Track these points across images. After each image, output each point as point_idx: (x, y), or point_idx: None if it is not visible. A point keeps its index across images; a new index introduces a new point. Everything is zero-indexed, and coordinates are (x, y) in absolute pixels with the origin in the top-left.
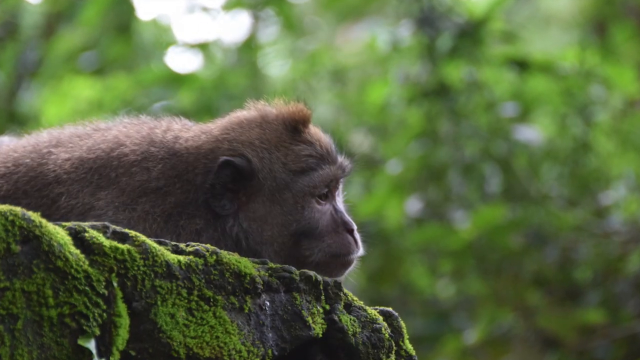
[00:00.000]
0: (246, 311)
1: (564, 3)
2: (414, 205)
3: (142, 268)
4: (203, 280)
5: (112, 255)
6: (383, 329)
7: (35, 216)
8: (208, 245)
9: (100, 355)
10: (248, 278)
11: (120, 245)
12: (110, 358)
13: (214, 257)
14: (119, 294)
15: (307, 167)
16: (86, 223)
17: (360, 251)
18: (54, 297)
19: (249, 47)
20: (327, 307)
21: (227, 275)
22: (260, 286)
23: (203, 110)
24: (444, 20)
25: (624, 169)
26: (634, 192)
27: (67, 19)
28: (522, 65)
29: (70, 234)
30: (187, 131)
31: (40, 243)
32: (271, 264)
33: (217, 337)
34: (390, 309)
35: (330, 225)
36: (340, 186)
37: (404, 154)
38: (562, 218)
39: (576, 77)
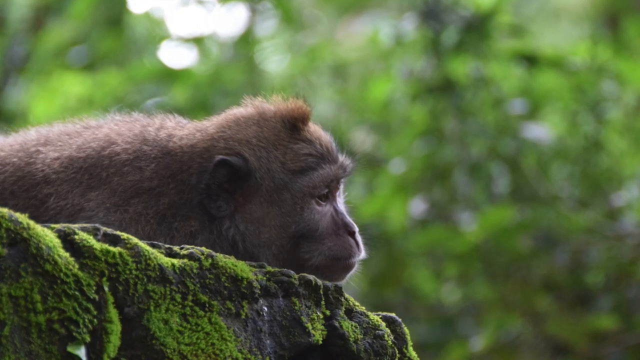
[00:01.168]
0: (243, 317)
1: None
2: (418, 206)
3: (134, 272)
4: (198, 285)
5: (103, 259)
6: (386, 336)
7: (22, 218)
8: (203, 248)
9: None
10: (245, 282)
11: (111, 248)
12: None
13: (210, 260)
14: (110, 299)
15: (306, 166)
16: (76, 225)
17: (362, 254)
18: (43, 302)
19: (246, 41)
20: (328, 312)
21: (223, 280)
22: (257, 291)
23: (198, 107)
24: (450, 13)
25: (637, 169)
26: None
27: (56, 12)
28: (531, 60)
29: (59, 237)
30: (181, 129)
31: (28, 246)
32: (269, 268)
33: (213, 344)
34: (393, 314)
35: (331, 227)
36: (341, 186)
37: (408, 153)
38: (572, 220)
39: (587, 73)
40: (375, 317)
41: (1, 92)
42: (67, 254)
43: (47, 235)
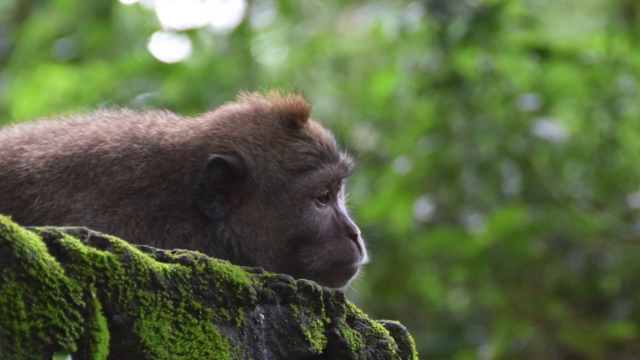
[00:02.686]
0: (238, 325)
1: None
2: (423, 207)
3: (123, 277)
4: (191, 291)
5: (90, 263)
6: (390, 345)
7: (5, 220)
8: (196, 252)
9: None
10: (240, 288)
11: (99, 252)
12: None
13: (203, 265)
14: (98, 306)
15: (305, 165)
16: (62, 227)
17: (365, 258)
18: (27, 309)
19: (242, 33)
20: (328, 320)
21: (217, 285)
22: (254, 297)
23: (191, 103)
24: (457, 3)
25: None
26: None
27: (41, 3)
28: (543, 54)
29: (44, 240)
30: (173, 126)
31: (12, 249)
32: (266, 273)
33: (207, 353)
34: (397, 322)
35: (332, 230)
36: (343, 187)
37: (413, 152)
38: (587, 222)
39: (603, 67)
40: (378, 325)
41: None
42: (53, 258)
43: (31, 238)
